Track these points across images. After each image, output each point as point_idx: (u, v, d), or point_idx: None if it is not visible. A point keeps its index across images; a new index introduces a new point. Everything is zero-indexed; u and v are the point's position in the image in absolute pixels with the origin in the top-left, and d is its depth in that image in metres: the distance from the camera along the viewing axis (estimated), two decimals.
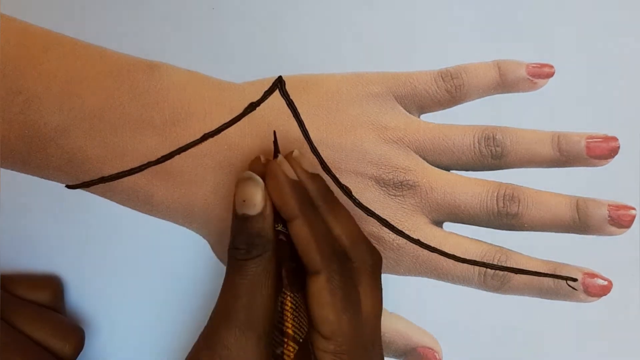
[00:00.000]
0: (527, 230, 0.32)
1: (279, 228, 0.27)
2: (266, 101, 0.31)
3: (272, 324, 0.26)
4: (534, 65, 0.33)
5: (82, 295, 0.33)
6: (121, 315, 0.33)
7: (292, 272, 0.27)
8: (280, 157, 0.28)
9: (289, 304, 0.26)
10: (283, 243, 0.27)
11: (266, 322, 0.26)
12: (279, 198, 0.27)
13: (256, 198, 0.27)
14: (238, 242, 0.27)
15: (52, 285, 0.32)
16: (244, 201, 0.27)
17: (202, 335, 0.26)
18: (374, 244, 0.32)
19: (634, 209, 0.32)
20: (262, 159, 0.29)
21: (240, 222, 0.27)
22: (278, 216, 0.27)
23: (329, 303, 0.26)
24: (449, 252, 0.32)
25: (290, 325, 0.26)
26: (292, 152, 0.29)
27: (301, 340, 0.26)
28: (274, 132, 0.29)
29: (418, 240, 0.32)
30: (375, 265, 0.28)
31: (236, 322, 0.25)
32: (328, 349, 0.25)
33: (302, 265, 0.27)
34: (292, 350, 0.26)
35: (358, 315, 0.26)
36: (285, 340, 0.26)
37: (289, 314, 0.26)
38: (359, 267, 0.27)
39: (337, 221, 0.28)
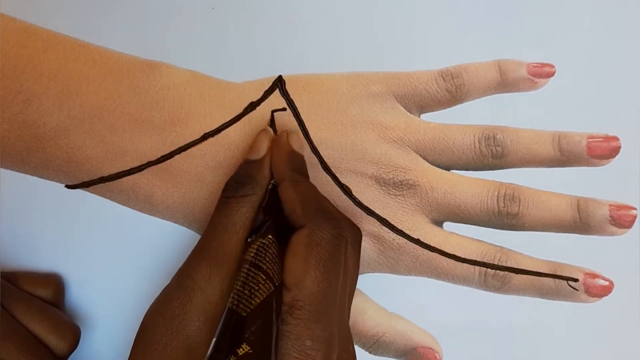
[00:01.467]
0: (527, 230, 0.32)
1: (273, 182, 0.28)
2: (266, 100, 0.32)
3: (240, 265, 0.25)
4: (535, 64, 0.33)
5: (82, 294, 0.33)
6: (120, 314, 0.33)
7: (279, 225, 0.27)
8: (291, 130, 0.30)
9: (272, 249, 0.26)
10: (273, 198, 0.28)
11: (234, 263, 0.25)
12: (275, 161, 0.28)
13: (261, 145, 0.28)
14: (231, 179, 0.28)
15: (54, 283, 0.32)
16: (252, 147, 0.29)
17: (179, 269, 0.26)
18: (374, 243, 0.32)
19: (635, 209, 0.32)
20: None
21: (241, 166, 0.28)
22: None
23: (302, 254, 0.25)
24: (449, 252, 0.32)
25: (270, 267, 0.25)
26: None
27: (277, 283, 0.25)
28: (272, 111, 0.31)
29: (418, 239, 0.32)
30: (356, 238, 0.28)
31: (207, 256, 0.25)
32: (286, 299, 0.24)
33: (287, 226, 0.27)
34: (267, 289, 0.25)
35: (329, 279, 0.25)
36: (264, 277, 0.25)
37: (270, 257, 0.25)
38: (342, 235, 0.26)
39: (322, 195, 0.29)
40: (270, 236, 0.26)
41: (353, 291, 0.28)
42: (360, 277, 0.33)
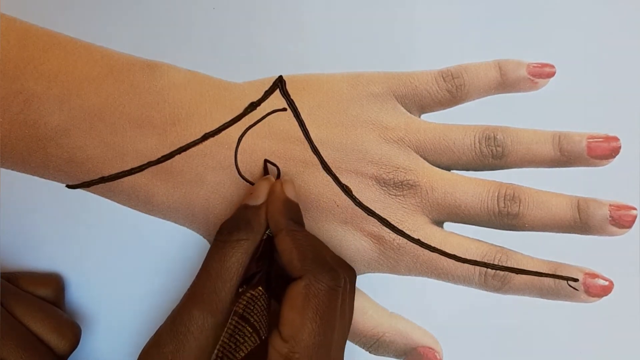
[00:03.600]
0: (527, 230, 0.32)
1: (268, 232, 0.28)
2: (267, 101, 0.32)
3: (230, 313, 0.26)
4: (535, 65, 0.33)
5: (82, 294, 0.33)
6: (120, 314, 0.33)
7: (270, 277, 0.28)
8: (285, 178, 0.30)
9: (261, 302, 0.26)
10: (267, 249, 0.28)
11: (227, 311, 0.26)
12: (270, 211, 0.28)
13: (261, 192, 0.29)
14: (226, 223, 0.28)
15: (54, 282, 0.32)
16: (251, 193, 0.29)
17: (171, 313, 0.26)
18: (374, 243, 0.32)
19: (635, 209, 0.32)
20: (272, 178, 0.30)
21: (238, 210, 0.28)
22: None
23: (299, 306, 0.25)
24: (450, 252, 0.32)
25: (257, 319, 0.26)
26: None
27: (263, 337, 0.26)
28: (265, 160, 0.31)
29: (418, 240, 0.32)
30: (352, 280, 0.29)
31: (199, 303, 0.25)
32: (282, 351, 0.24)
33: (281, 277, 0.27)
34: (252, 342, 0.25)
35: (325, 331, 0.25)
36: (250, 330, 0.25)
37: (257, 310, 0.26)
38: (339, 286, 0.26)
39: (319, 241, 0.30)
40: (261, 288, 0.27)
41: (348, 332, 0.29)
42: (360, 277, 0.33)
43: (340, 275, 0.26)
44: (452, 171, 0.33)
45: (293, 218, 0.28)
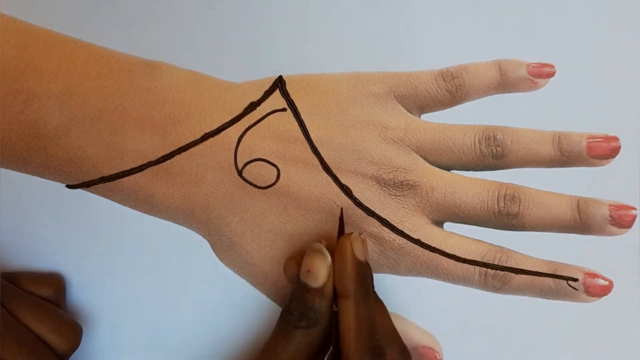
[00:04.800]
0: (527, 230, 0.32)
1: (335, 309, 0.28)
2: (266, 101, 0.32)
3: None
4: (535, 64, 0.33)
5: (82, 294, 0.33)
6: (120, 314, 0.33)
7: (334, 356, 0.28)
8: (355, 233, 0.28)
9: None
10: (335, 325, 0.28)
11: None
12: (338, 273, 0.28)
13: (320, 272, 0.28)
14: (293, 307, 0.28)
15: (55, 282, 0.32)
16: (308, 271, 0.28)
17: None
18: (374, 244, 0.32)
19: (635, 209, 0.32)
20: (324, 242, 0.29)
21: (299, 290, 0.28)
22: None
23: None
24: (450, 252, 0.32)
25: None
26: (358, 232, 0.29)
27: None
28: (341, 209, 0.31)
29: (418, 240, 0.32)
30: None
31: None
32: None
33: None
34: None
35: None
36: None
37: None
38: None
39: (381, 314, 0.29)
40: None
41: None
42: None
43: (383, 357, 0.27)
44: (452, 171, 0.33)
45: (362, 284, 0.28)
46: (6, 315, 0.28)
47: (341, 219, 0.31)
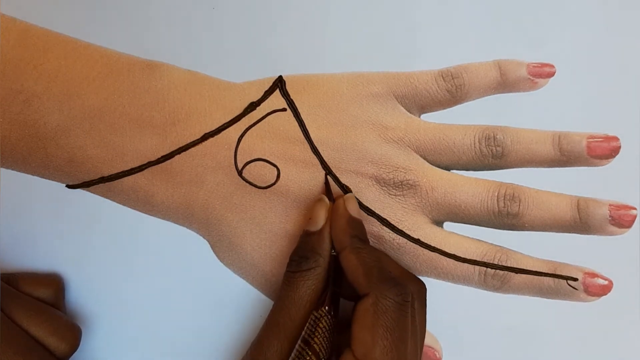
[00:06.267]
0: (527, 230, 0.32)
1: (333, 253, 0.29)
2: (266, 101, 0.32)
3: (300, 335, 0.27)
4: (535, 64, 0.33)
5: (82, 294, 0.33)
6: (120, 315, 0.33)
7: (334, 296, 0.28)
8: (349, 194, 0.31)
9: (324, 323, 0.27)
10: (334, 269, 0.29)
11: (298, 334, 0.27)
12: (334, 230, 0.29)
13: (319, 216, 0.29)
14: (293, 254, 0.29)
15: (54, 283, 0.32)
16: (310, 219, 0.29)
17: (251, 343, 0.28)
18: (374, 243, 0.32)
19: (634, 209, 0.32)
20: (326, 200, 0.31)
21: (301, 238, 0.29)
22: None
23: (369, 325, 0.25)
24: (450, 252, 0.32)
25: (318, 342, 0.26)
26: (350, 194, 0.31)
27: (323, 359, 0.26)
28: (326, 175, 0.31)
29: (418, 239, 0.32)
30: (421, 293, 0.29)
31: (277, 332, 0.27)
32: None
33: (344, 293, 0.28)
34: None
35: (397, 347, 0.25)
36: (310, 353, 0.26)
37: (320, 331, 0.27)
38: (407, 300, 0.27)
39: (384, 256, 0.30)
40: (326, 307, 0.27)
41: (422, 345, 0.29)
42: None
43: (407, 290, 0.27)
44: (452, 171, 0.33)
45: (357, 235, 0.29)
46: (4, 319, 0.28)
47: (327, 184, 0.31)
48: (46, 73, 0.29)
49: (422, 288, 0.30)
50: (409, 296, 0.27)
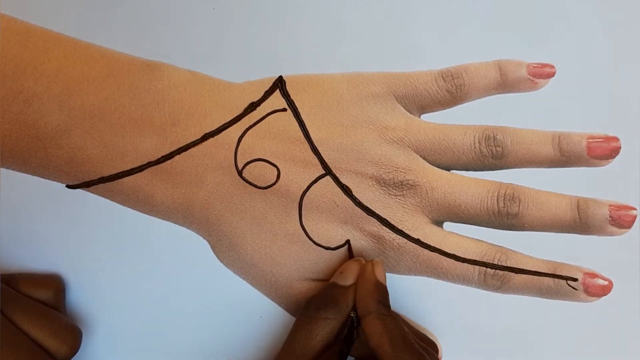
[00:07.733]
0: (527, 230, 0.32)
1: (352, 315, 0.29)
2: (266, 101, 0.32)
3: None
4: (535, 65, 0.33)
5: (82, 295, 0.33)
6: (122, 315, 0.33)
7: (340, 354, 0.28)
8: (378, 259, 0.31)
9: None
10: (348, 331, 0.29)
11: None
12: (360, 293, 0.29)
13: (352, 273, 0.30)
14: (313, 299, 0.29)
15: (54, 284, 0.32)
16: (341, 272, 0.30)
17: None
18: (374, 243, 0.32)
19: (634, 209, 0.32)
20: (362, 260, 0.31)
21: (326, 288, 0.30)
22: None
23: None
24: (449, 252, 0.32)
25: None
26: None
27: None
28: (348, 241, 0.32)
29: (418, 239, 0.32)
30: (436, 357, 0.30)
31: None
32: None
33: (354, 354, 0.29)
34: None
35: None
36: None
37: None
38: None
39: (405, 322, 0.31)
40: None
41: None
42: None
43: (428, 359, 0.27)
44: (452, 171, 0.33)
45: (382, 301, 0.29)
46: (5, 322, 0.28)
47: (349, 249, 0.32)
48: (46, 73, 0.29)
49: (436, 350, 0.31)
50: None
